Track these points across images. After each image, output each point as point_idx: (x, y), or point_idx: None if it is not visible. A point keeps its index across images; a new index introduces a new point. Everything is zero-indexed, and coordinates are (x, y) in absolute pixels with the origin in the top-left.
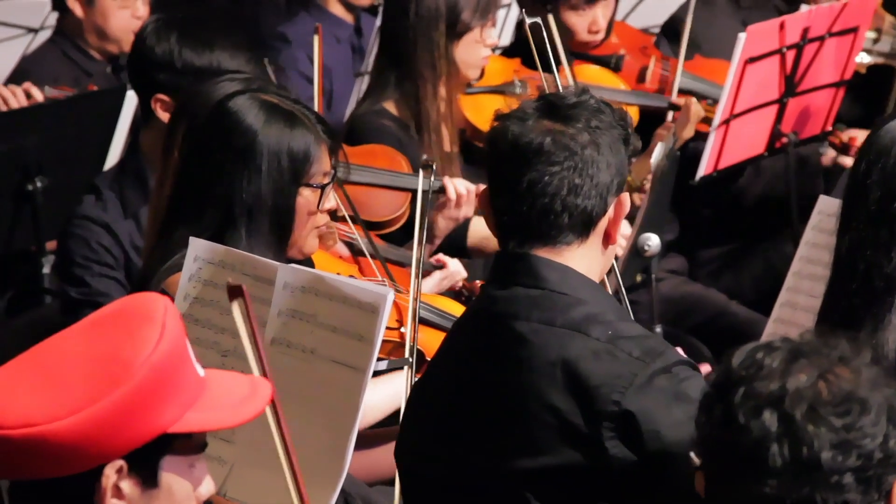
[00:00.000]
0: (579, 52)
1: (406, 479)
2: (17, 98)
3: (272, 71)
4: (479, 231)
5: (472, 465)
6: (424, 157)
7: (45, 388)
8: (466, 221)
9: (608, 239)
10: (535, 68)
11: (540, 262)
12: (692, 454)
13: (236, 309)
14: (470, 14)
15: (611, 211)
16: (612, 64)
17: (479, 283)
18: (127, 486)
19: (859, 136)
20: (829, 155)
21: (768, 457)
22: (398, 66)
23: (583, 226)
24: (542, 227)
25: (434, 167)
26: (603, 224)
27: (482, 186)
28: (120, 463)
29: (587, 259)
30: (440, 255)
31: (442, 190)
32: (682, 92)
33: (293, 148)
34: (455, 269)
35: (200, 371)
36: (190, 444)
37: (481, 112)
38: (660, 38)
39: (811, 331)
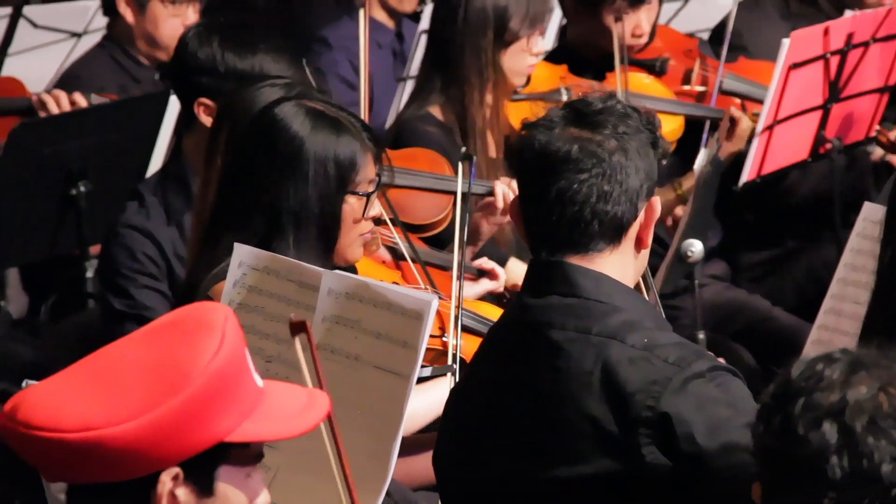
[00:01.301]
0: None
1: (444, 485)
2: (60, 104)
3: (311, 73)
4: None
5: (509, 473)
6: (463, 148)
7: (105, 393)
8: None
9: (640, 243)
10: (581, 75)
11: (574, 270)
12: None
13: (298, 345)
14: (518, 23)
15: (642, 215)
16: (656, 68)
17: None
18: (182, 493)
19: None
20: (877, 153)
21: (828, 469)
22: (445, 70)
23: (614, 232)
24: (573, 236)
25: (474, 160)
26: (634, 229)
27: None
28: (176, 470)
29: (620, 265)
30: (485, 261)
31: (489, 193)
32: (726, 93)
33: (339, 155)
34: (504, 280)
35: (259, 381)
36: (247, 454)
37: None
38: (704, 43)
39: (864, 341)
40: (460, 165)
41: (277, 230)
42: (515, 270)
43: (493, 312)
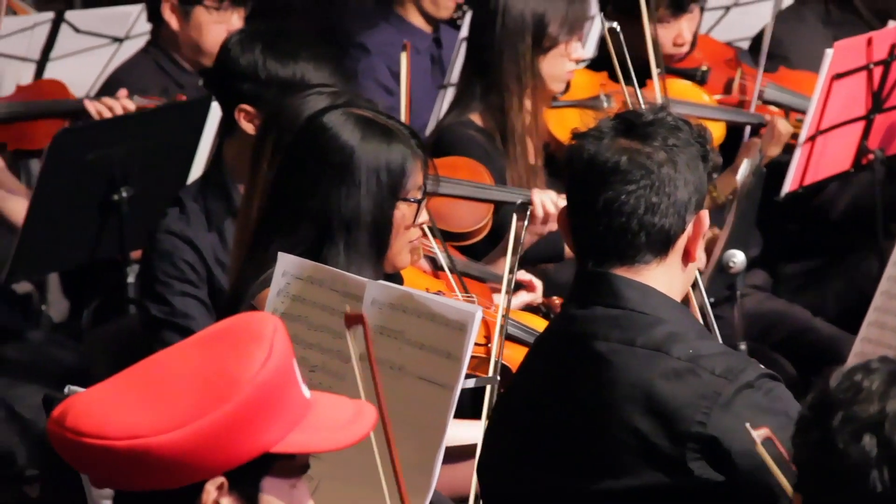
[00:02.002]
0: (664, 65)
1: (488, 497)
2: (114, 111)
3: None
4: None
5: (554, 485)
6: (520, 200)
7: (152, 402)
8: None
9: (688, 257)
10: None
11: (620, 282)
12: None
13: (350, 336)
14: (557, 28)
15: (690, 228)
16: (697, 77)
17: (556, 299)
18: (227, 502)
19: None
20: None
21: (868, 482)
22: (484, 77)
23: (661, 244)
24: (620, 247)
25: (529, 210)
26: (682, 242)
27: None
28: (221, 479)
29: (667, 277)
30: (523, 273)
31: (528, 203)
32: (767, 103)
33: (391, 163)
34: (541, 292)
35: (306, 392)
36: (292, 465)
37: (565, 126)
38: (745, 52)
39: None
40: (514, 217)
41: (328, 237)
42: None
43: (535, 321)
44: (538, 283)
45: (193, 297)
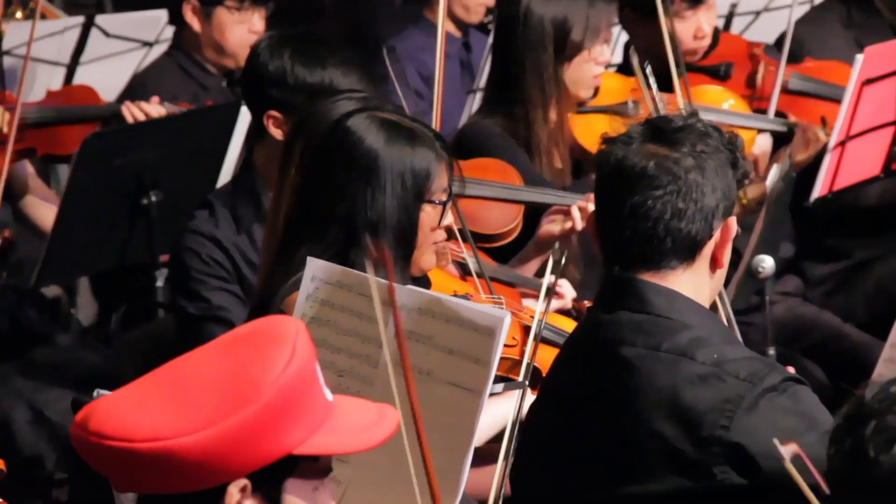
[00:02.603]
0: (687, 63)
1: (519, 500)
2: (148, 114)
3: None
4: None
5: (582, 490)
6: (557, 244)
7: (175, 404)
8: None
9: (716, 263)
10: (650, 87)
11: (646, 287)
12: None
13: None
14: (580, 34)
15: (717, 235)
16: (720, 73)
17: (586, 303)
18: None
19: None
20: None
21: None
22: (508, 88)
23: (687, 250)
24: (646, 252)
25: (565, 254)
26: (709, 248)
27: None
28: (244, 482)
29: (694, 283)
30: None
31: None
32: (793, 93)
33: (416, 166)
34: (571, 297)
35: (329, 395)
36: (315, 467)
37: (591, 132)
38: (770, 48)
39: None
40: (550, 259)
41: (354, 240)
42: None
43: (567, 324)
44: (568, 290)
45: (228, 292)
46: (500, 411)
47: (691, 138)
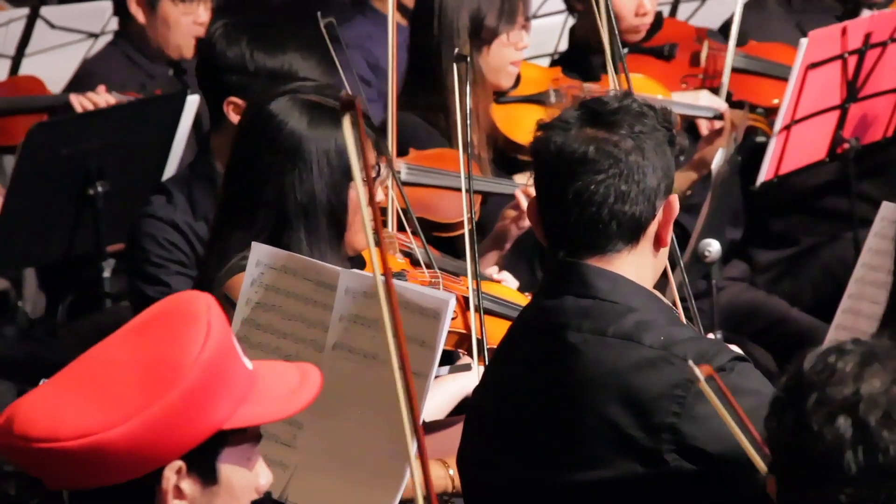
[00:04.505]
0: (631, 44)
1: (467, 487)
2: (97, 104)
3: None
4: None
5: (529, 477)
6: (456, 50)
7: (97, 397)
8: None
9: (659, 242)
10: (576, 77)
11: (590, 271)
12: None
13: (347, 121)
14: (494, 19)
15: (660, 214)
16: (664, 53)
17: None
18: (187, 485)
19: None
20: None
21: (843, 464)
22: (425, 78)
23: (632, 232)
24: (592, 237)
25: (469, 60)
26: (653, 228)
27: None
28: (178, 464)
29: (638, 265)
30: (494, 271)
31: (510, 195)
32: (738, 71)
33: (341, 145)
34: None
35: (249, 364)
36: (246, 437)
37: (513, 122)
38: (712, 31)
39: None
40: (454, 67)
41: (286, 223)
42: None
43: (510, 294)
44: (512, 282)
45: (187, 276)
46: (457, 387)
47: (628, 119)
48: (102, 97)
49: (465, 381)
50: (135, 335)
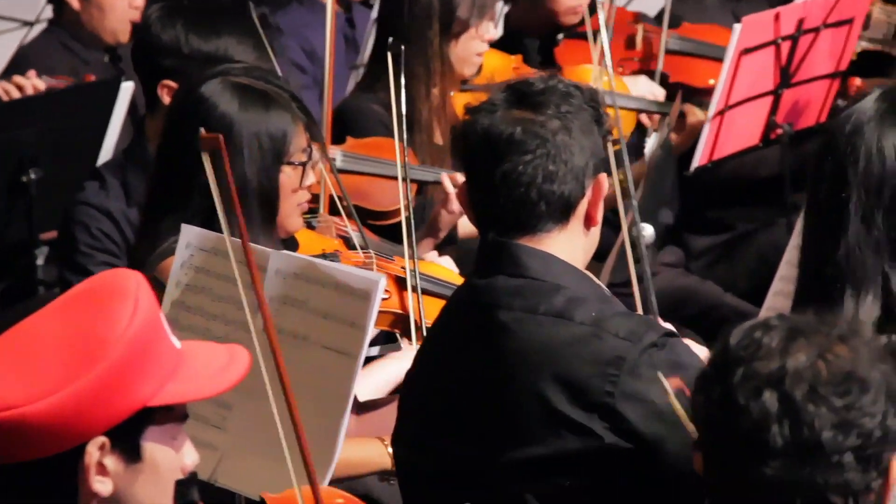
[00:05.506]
0: (564, 29)
1: (401, 468)
2: (24, 90)
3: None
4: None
5: (464, 456)
6: (391, 39)
7: (22, 371)
8: None
9: (590, 221)
10: (535, 66)
11: (521, 251)
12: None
13: (208, 164)
14: (466, 11)
15: (589, 193)
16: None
17: None
18: (110, 462)
19: None
20: None
21: (769, 438)
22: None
23: (561, 212)
24: (521, 218)
25: (402, 50)
26: (582, 207)
27: None
28: (102, 440)
29: (569, 244)
30: (435, 257)
31: (436, 181)
32: (672, 53)
33: (271, 128)
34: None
35: (177, 343)
36: (172, 416)
37: None
38: (645, 15)
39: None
40: (389, 56)
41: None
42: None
43: (446, 273)
44: (449, 263)
45: (114, 267)
46: (398, 367)
47: (554, 99)
48: (31, 81)
49: (406, 363)
50: (62, 310)
